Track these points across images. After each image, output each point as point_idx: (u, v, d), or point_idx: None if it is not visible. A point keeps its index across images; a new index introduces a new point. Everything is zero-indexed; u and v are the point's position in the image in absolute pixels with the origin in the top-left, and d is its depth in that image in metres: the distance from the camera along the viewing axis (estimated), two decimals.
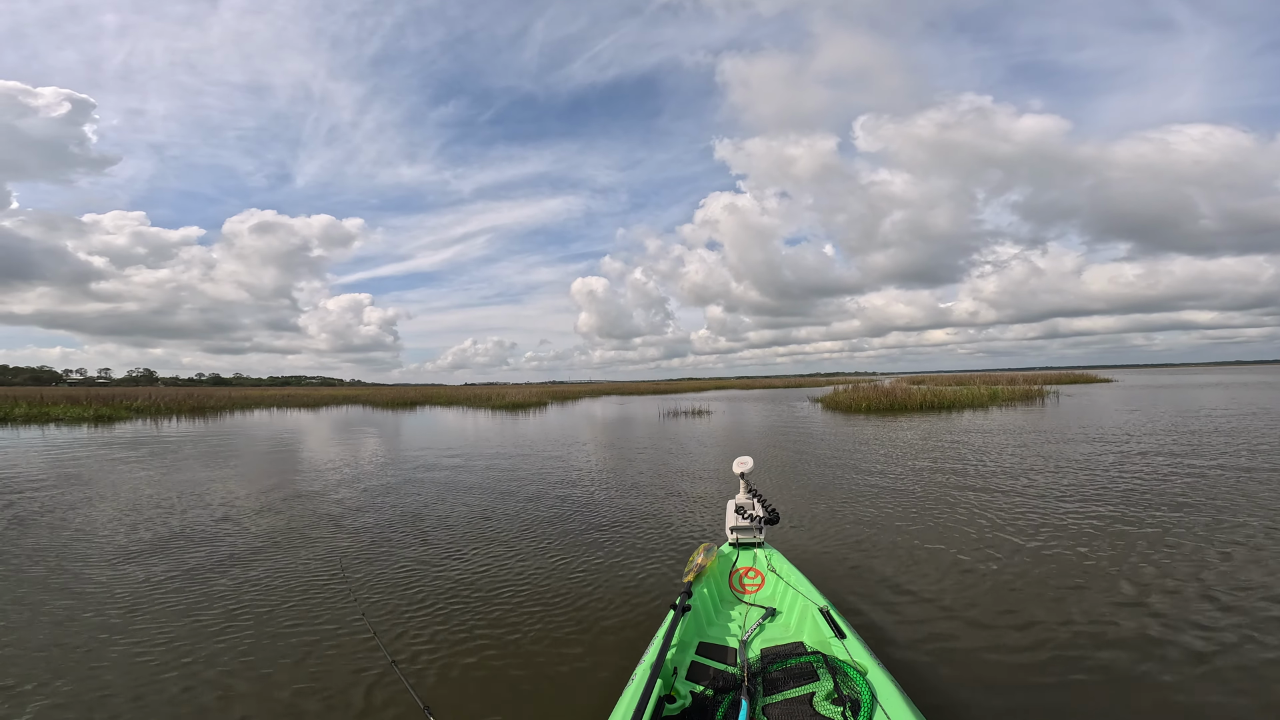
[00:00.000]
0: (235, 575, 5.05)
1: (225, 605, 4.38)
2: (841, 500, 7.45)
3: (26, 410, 26.48)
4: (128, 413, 28.66)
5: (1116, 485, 7.65)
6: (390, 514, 7.36)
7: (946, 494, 7.59)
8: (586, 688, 3.13)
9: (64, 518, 7.16)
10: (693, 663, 2.68)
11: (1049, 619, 3.75)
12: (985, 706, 2.85)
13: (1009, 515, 6.35)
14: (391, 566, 5.27)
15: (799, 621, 3.03)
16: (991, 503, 6.95)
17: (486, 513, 7.29)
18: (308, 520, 7.08)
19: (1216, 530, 5.53)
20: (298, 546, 5.95)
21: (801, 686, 2.38)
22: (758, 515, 3.72)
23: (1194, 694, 2.90)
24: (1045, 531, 5.69)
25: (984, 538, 5.56)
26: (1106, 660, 3.22)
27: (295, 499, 8.42)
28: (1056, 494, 7.29)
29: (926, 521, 6.27)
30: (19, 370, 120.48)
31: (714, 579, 3.50)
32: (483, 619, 4.04)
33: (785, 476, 9.36)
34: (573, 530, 6.37)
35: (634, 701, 2.05)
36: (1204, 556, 4.83)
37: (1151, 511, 6.29)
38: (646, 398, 46.03)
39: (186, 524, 6.87)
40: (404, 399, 43.29)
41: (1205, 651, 3.29)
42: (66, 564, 5.37)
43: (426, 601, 4.40)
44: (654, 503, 7.64)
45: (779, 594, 3.32)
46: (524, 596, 4.45)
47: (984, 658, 3.30)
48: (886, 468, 9.82)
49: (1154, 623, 3.64)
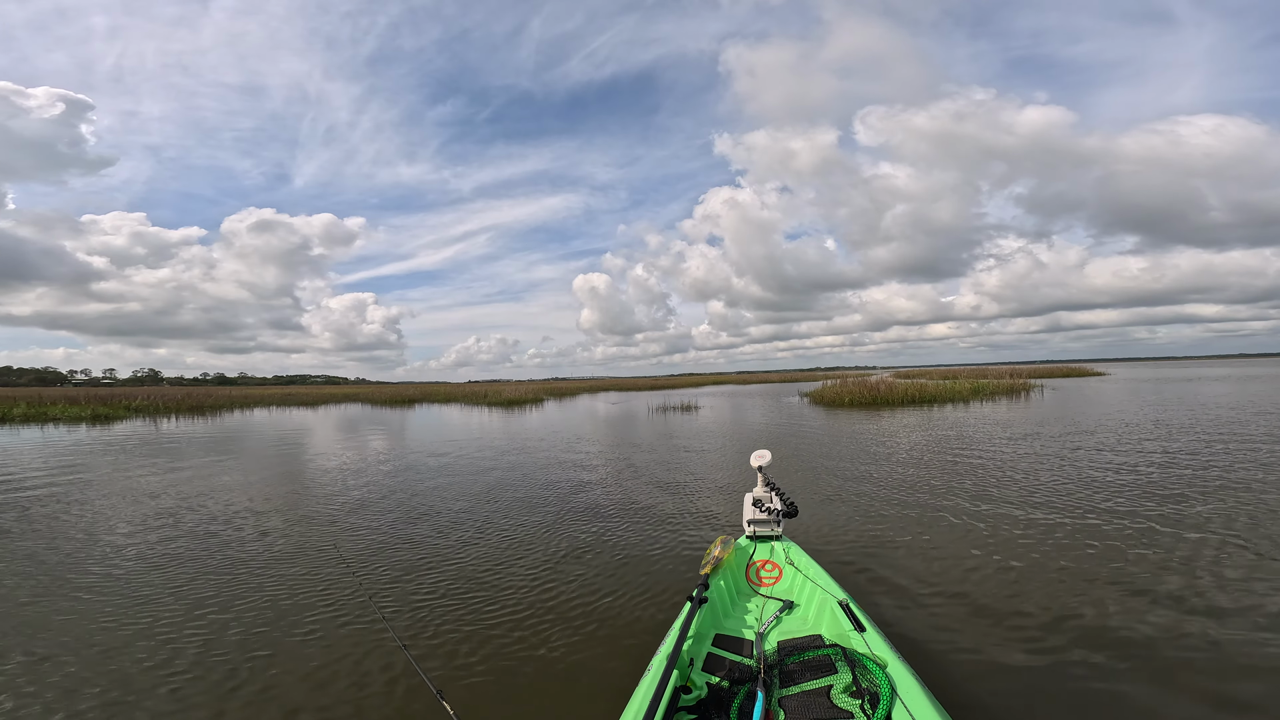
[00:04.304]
0: (238, 566, 5.05)
1: (225, 595, 4.39)
2: (800, 485, 7.84)
3: (25, 410, 26.44)
4: (126, 412, 28.64)
5: (1092, 478, 7.63)
6: (390, 506, 7.35)
7: (893, 481, 7.85)
8: (602, 677, 3.11)
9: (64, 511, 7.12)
10: (709, 654, 2.67)
11: (1068, 611, 3.71)
12: (1008, 702, 2.81)
13: (988, 511, 6.31)
14: (397, 556, 5.31)
15: (817, 614, 3.00)
16: (960, 493, 6.94)
17: (491, 506, 7.27)
18: (306, 513, 7.07)
19: (1234, 525, 5.50)
20: (297, 537, 5.97)
21: (819, 679, 2.36)
22: (775, 508, 3.72)
23: (1220, 684, 2.87)
24: (1045, 528, 5.66)
25: (963, 529, 5.55)
26: (1127, 653, 3.18)
27: (294, 492, 8.43)
28: (1010, 490, 7.24)
29: (890, 509, 6.38)
30: (23, 371, 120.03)
31: (731, 571, 3.49)
32: (496, 608, 4.06)
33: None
34: (581, 522, 6.36)
35: (650, 691, 2.05)
36: (1207, 554, 4.80)
37: (1146, 505, 6.26)
38: (643, 393, 46.02)
39: (178, 518, 6.83)
40: (402, 397, 43.29)
41: (1229, 639, 3.26)
42: (68, 560, 5.32)
43: (436, 591, 4.44)
44: (646, 496, 7.61)
45: (797, 586, 3.29)
46: (537, 586, 4.47)
47: (1005, 651, 3.26)
48: (854, 456, 10.29)
49: (1172, 615, 3.60)
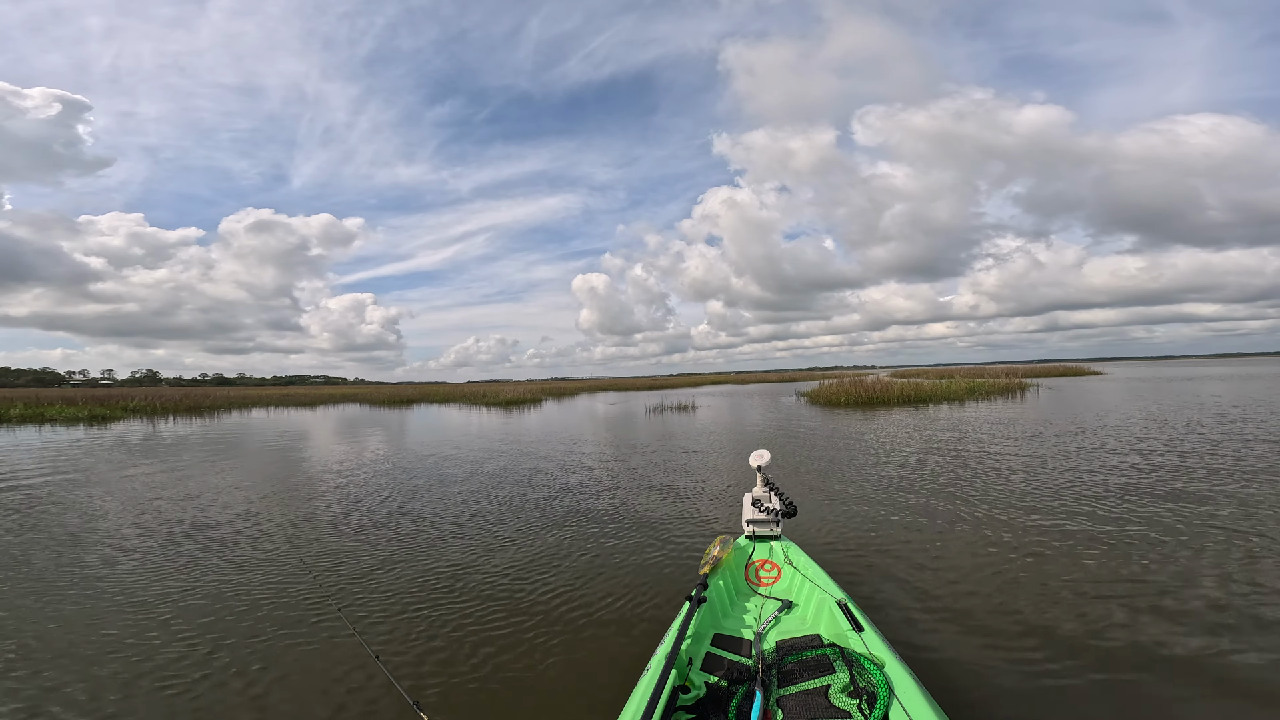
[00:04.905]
0: (206, 570, 4.97)
1: (195, 604, 4.29)
2: (797, 485, 7.89)
3: (22, 411, 26.36)
4: (123, 413, 28.57)
5: (1089, 478, 7.65)
6: (368, 507, 7.28)
7: (891, 481, 7.84)
8: (601, 678, 3.11)
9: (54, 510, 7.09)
10: (708, 654, 2.67)
11: (1066, 612, 3.73)
12: (1005, 701, 2.82)
13: (970, 511, 6.34)
14: (369, 562, 5.17)
15: (815, 614, 3.01)
16: (945, 493, 6.97)
17: (482, 506, 7.22)
18: (279, 518, 6.92)
19: (1240, 523, 5.52)
20: (267, 543, 5.84)
21: (817, 678, 2.37)
22: (774, 508, 3.73)
23: (1221, 687, 2.89)
24: (1044, 524, 5.68)
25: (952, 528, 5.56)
26: (1126, 654, 3.19)
27: (269, 495, 8.29)
28: (1008, 491, 7.26)
29: (888, 510, 6.38)
30: (21, 372, 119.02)
31: (730, 571, 3.49)
32: (483, 611, 4.00)
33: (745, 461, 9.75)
34: (578, 522, 6.34)
35: (649, 691, 2.06)
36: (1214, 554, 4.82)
37: (1145, 506, 6.26)
38: (642, 393, 46.03)
39: (157, 519, 6.79)
40: (400, 397, 43.29)
41: (1222, 647, 3.27)
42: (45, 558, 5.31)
43: (416, 596, 4.34)
44: (644, 496, 7.60)
45: (795, 586, 3.30)
46: (530, 590, 4.42)
47: (1002, 651, 3.28)
48: (851, 456, 10.36)
49: (1166, 619, 3.61)
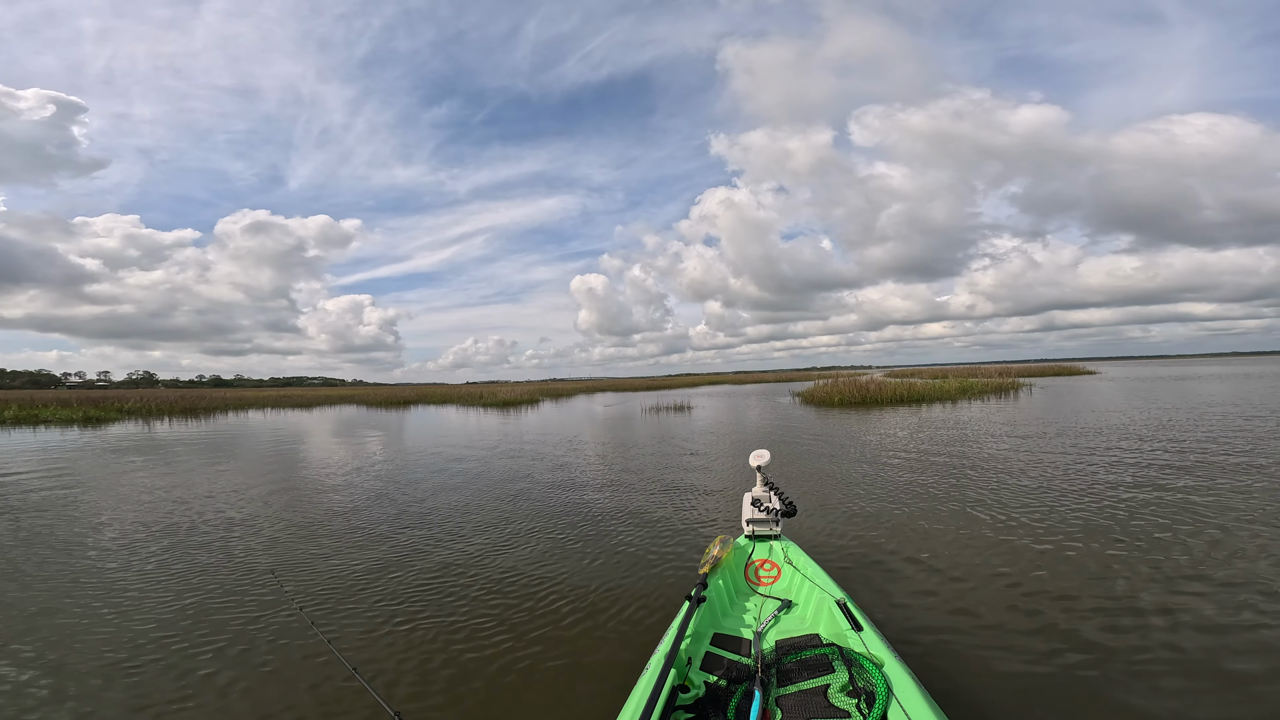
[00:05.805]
0: (188, 576, 4.89)
1: (174, 611, 4.18)
2: (795, 485, 7.93)
3: (16, 413, 26.24)
4: (118, 415, 28.45)
5: (1086, 479, 7.67)
6: (362, 510, 7.21)
7: (888, 481, 7.88)
8: (598, 678, 3.11)
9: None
10: (707, 653, 2.67)
11: (1065, 613, 3.73)
12: (1004, 701, 2.82)
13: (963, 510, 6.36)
14: (359, 569, 5.02)
15: (815, 613, 3.00)
16: (936, 488, 6.99)
17: (474, 508, 7.17)
18: (268, 521, 6.81)
19: (1228, 515, 5.54)
20: (254, 546, 5.74)
21: (816, 678, 2.37)
22: (774, 508, 3.73)
23: (1216, 682, 2.90)
24: (1042, 524, 5.69)
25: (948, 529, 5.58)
26: (1124, 655, 3.19)
27: (258, 499, 8.12)
28: (1006, 491, 7.28)
29: (886, 509, 6.38)
30: (16, 374, 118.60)
31: (730, 571, 3.48)
32: (473, 616, 3.95)
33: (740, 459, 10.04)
34: (576, 522, 6.33)
35: (648, 691, 2.06)
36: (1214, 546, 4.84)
37: (1146, 508, 6.27)
38: (639, 394, 46.05)
39: (138, 522, 6.73)
40: (398, 398, 43.28)
41: (1224, 647, 3.28)
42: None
43: (407, 599, 4.29)
44: (642, 496, 7.58)
45: (795, 586, 3.29)
46: (528, 589, 4.41)
47: (1001, 651, 3.28)
48: (848, 456, 10.43)
49: (1167, 619, 3.60)
